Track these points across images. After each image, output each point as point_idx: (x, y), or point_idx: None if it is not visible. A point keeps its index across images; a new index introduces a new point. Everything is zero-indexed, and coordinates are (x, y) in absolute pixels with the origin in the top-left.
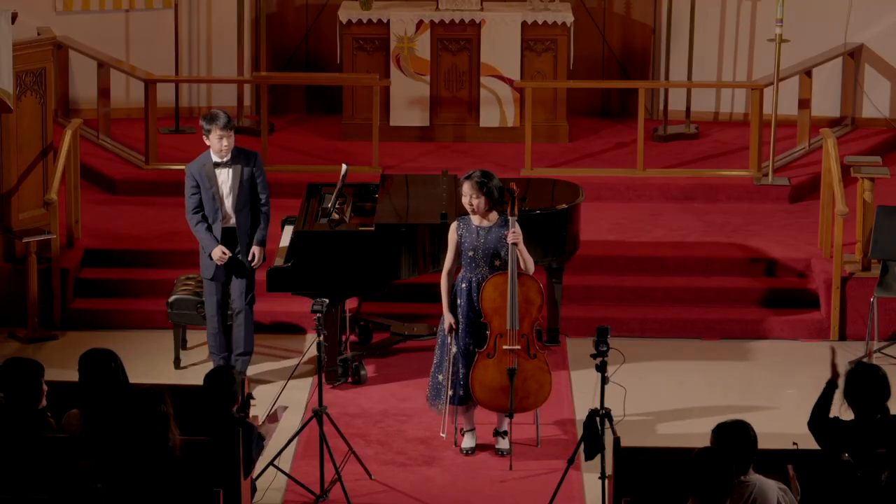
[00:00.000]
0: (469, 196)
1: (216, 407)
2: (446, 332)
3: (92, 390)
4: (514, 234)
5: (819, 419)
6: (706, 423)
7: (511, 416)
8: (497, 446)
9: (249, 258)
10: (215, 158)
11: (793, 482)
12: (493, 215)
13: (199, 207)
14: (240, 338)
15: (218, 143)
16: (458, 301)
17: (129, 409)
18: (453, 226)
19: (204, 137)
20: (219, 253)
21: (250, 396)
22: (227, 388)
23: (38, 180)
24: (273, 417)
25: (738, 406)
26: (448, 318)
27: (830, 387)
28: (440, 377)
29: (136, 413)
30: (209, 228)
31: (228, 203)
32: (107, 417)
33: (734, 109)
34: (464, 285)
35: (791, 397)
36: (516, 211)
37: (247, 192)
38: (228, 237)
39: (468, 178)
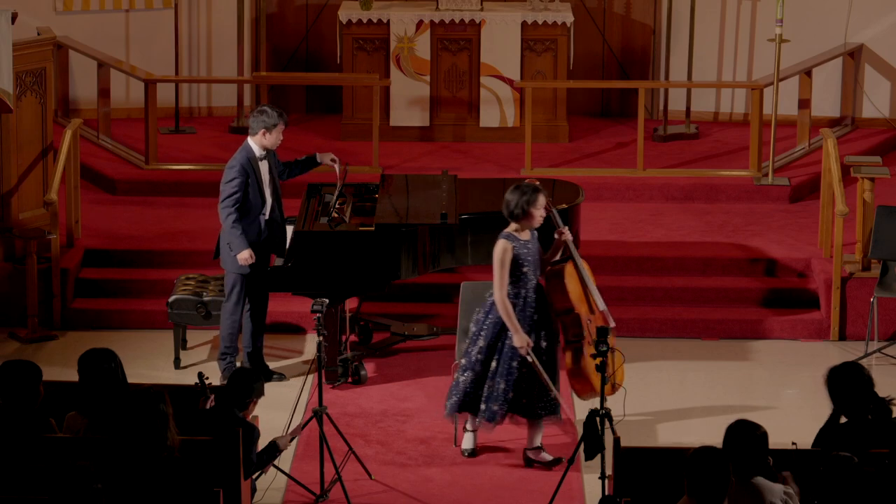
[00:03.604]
0: (542, 209)
1: (230, 405)
2: (523, 351)
3: (92, 390)
4: (567, 232)
5: (822, 443)
6: (706, 423)
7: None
8: (539, 459)
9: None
10: (259, 152)
11: (789, 482)
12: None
13: (240, 201)
14: (248, 336)
15: (278, 138)
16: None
17: (129, 408)
18: (507, 245)
19: (263, 132)
20: (247, 256)
21: (201, 376)
22: (246, 392)
23: (38, 180)
24: (294, 431)
25: (738, 406)
26: (525, 338)
27: (836, 413)
28: (469, 390)
29: (136, 412)
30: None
31: (268, 194)
32: (107, 417)
33: (734, 109)
34: (520, 301)
35: (791, 397)
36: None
37: (277, 183)
38: (271, 228)
39: (540, 190)
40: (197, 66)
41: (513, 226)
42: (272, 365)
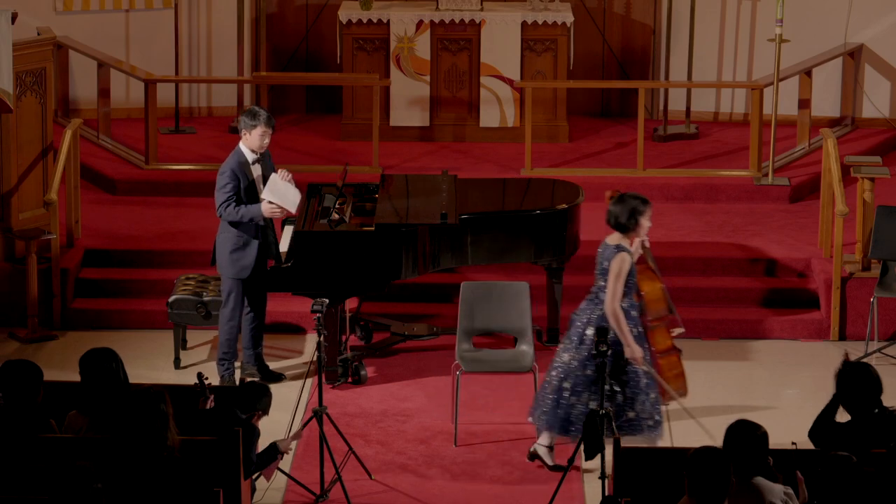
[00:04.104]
0: (650, 220)
1: (237, 410)
2: (638, 363)
3: (93, 390)
4: (647, 238)
5: (820, 429)
6: (706, 423)
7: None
8: (545, 460)
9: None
10: (250, 155)
11: (801, 486)
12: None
13: (235, 202)
14: (248, 337)
15: (260, 140)
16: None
17: (129, 408)
18: (627, 258)
19: (244, 133)
20: (268, 206)
21: (201, 376)
22: (252, 406)
23: (38, 180)
24: (295, 434)
25: (738, 406)
26: (639, 350)
27: (836, 399)
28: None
29: (136, 412)
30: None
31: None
32: (107, 417)
33: (734, 109)
34: (633, 312)
35: (791, 397)
36: None
37: None
38: (265, 232)
39: (649, 202)
40: (197, 66)
41: (617, 236)
42: (272, 365)
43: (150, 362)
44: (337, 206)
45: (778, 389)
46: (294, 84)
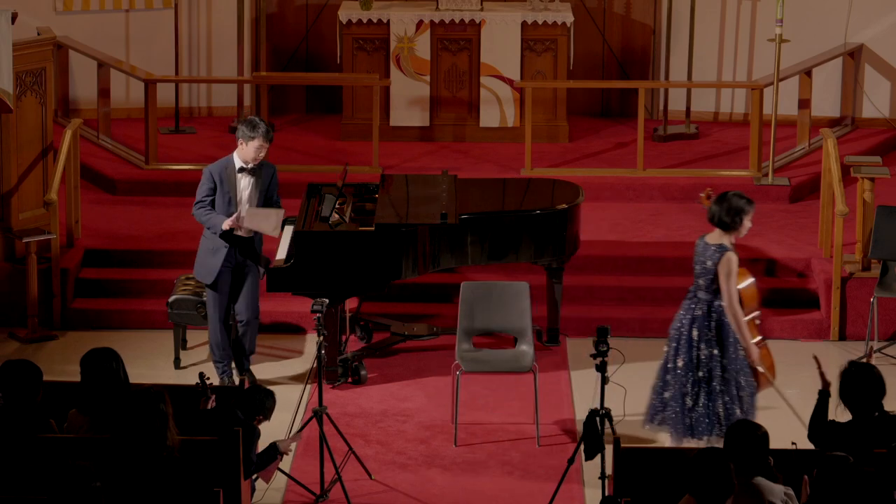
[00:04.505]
0: (751, 220)
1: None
2: (756, 364)
3: (93, 389)
4: None
5: (817, 429)
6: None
7: None
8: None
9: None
10: (240, 164)
11: (804, 488)
12: None
13: (208, 206)
14: (245, 343)
15: (255, 153)
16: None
17: (129, 408)
18: (734, 257)
19: (241, 142)
20: (230, 221)
21: (202, 376)
22: (256, 409)
23: (38, 180)
24: (295, 436)
25: None
26: (756, 350)
27: (824, 396)
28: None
29: (136, 412)
30: None
31: (242, 211)
32: (108, 416)
33: (734, 109)
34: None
35: (791, 397)
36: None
37: (261, 202)
38: (241, 244)
39: (753, 203)
40: (197, 66)
41: (717, 234)
42: (273, 364)
43: (150, 362)
44: (337, 206)
45: (778, 389)
46: (294, 84)
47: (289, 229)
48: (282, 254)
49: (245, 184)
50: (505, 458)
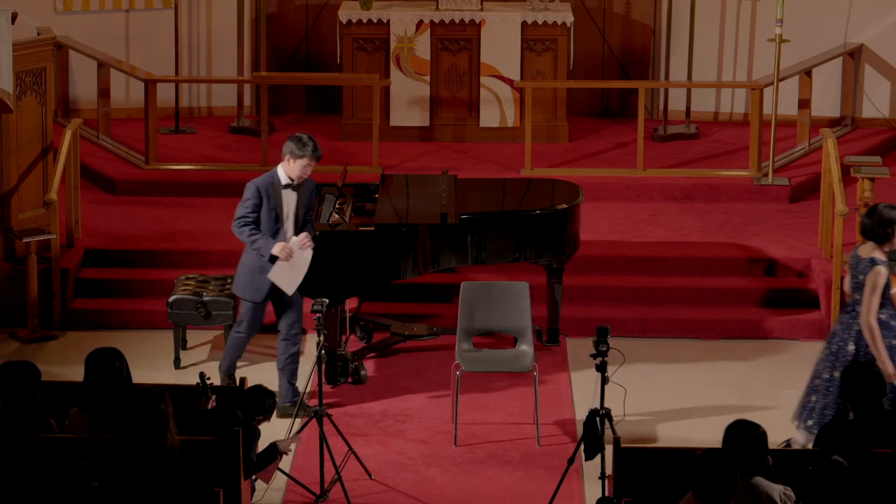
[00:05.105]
0: None
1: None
2: (890, 378)
3: (96, 388)
4: None
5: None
6: (706, 423)
7: None
8: None
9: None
10: (286, 180)
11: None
12: None
13: (252, 223)
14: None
15: (301, 171)
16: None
17: (129, 408)
18: (884, 271)
19: (288, 159)
20: (284, 249)
21: (203, 376)
22: (257, 409)
23: (38, 180)
24: (295, 436)
25: (738, 406)
26: (892, 368)
27: (842, 413)
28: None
29: (136, 412)
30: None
31: (288, 225)
32: (109, 416)
33: (734, 109)
34: (894, 323)
35: (791, 397)
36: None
37: (302, 218)
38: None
39: None
40: (197, 66)
41: (870, 247)
42: (273, 365)
43: (150, 362)
44: (337, 206)
45: (778, 389)
46: (294, 84)
47: None
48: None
49: (290, 200)
50: (505, 458)
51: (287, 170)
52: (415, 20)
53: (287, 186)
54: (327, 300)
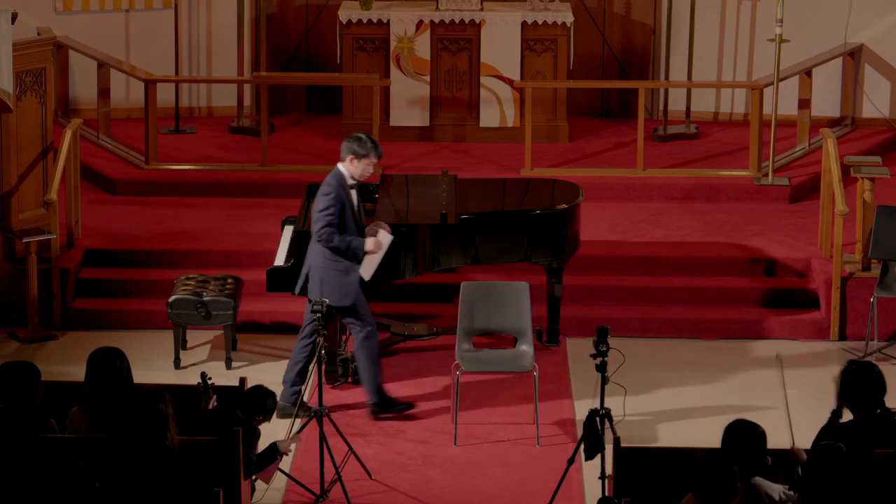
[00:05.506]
0: None
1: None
2: None
3: (98, 388)
4: None
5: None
6: (706, 423)
7: None
8: None
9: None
10: (351, 181)
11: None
12: None
13: (338, 229)
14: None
15: (364, 170)
16: None
17: (129, 408)
18: None
19: (350, 159)
20: (376, 243)
21: (204, 375)
22: (257, 409)
23: (38, 180)
24: (295, 437)
25: (738, 406)
26: None
27: (835, 416)
28: None
29: (136, 412)
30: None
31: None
32: (110, 416)
33: (734, 109)
34: None
35: (791, 397)
36: None
37: (363, 217)
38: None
39: None
40: (197, 66)
41: None
42: (273, 365)
43: (150, 362)
44: None
45: (778, 389)
46: (294, 84)
47: (289, 229)
48: (282, 254)
49: (355, 198)
50: (505, 458)
51: (350, 169)
52: (415, 20)
53: (353, 186)
54: (327, 300)
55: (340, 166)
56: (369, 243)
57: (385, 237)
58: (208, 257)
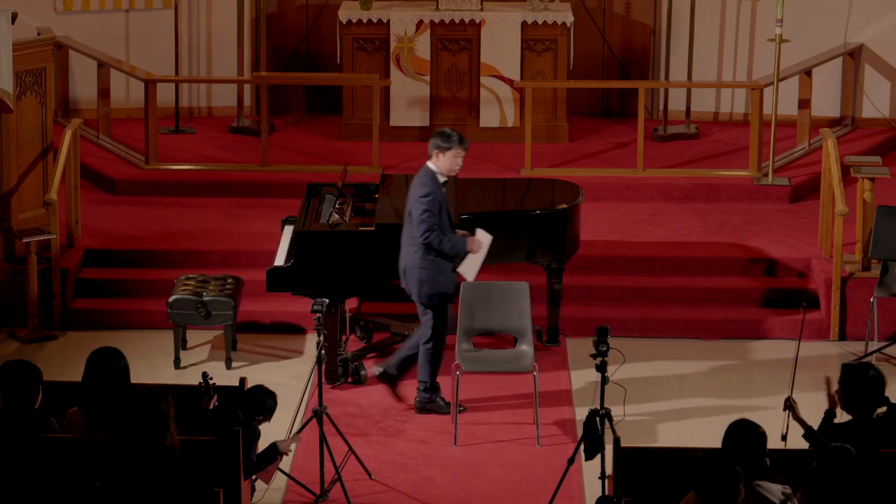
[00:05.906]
0: None
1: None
2: None
3: (97, 388)
4: None
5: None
6: (706, 423)
7: None
8: None
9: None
10: (441, 178)
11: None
12: None
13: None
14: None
15: (451, 163)
16: None
17: (130, 408)
18: None
19: (437, 154)
20: (474, 242)
21: (206, 375)
22: (257, 408)
23: (38, 180)
24: (295, 436)
25: (738, 406)
26: None
27: (829, 416)
28: None
29: (136, 412)
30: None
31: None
32: (108, 416)
33: (734, 109)
34: None
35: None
36: None
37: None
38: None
39: None
40: (197, 66)
41: None
42: (273, 365)
43: (150, 362)
44: (337, 206)
45: (778, 389)
46: (294, 84)
47: (289, 229)
48: (282, 254)
49: (446, 194)
50: (505, 458)
51: (438, 165)
52: (415, 20)
53: (444, 184)
54: (327, 300)
55: (430, 164)
56: (471, 243)
57: (484, 236)
58: (208, 257)
